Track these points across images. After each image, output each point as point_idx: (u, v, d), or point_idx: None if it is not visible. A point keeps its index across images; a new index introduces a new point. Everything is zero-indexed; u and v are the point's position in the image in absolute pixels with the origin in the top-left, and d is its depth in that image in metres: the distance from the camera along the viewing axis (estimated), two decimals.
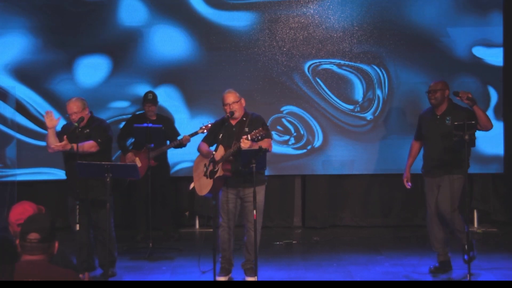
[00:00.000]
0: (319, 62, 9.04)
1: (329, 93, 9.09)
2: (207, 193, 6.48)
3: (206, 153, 6.53)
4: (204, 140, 6.68)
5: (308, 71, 9.02)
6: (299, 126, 9.09)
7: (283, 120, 9.06)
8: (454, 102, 6.88)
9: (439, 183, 6.77)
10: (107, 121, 7.25)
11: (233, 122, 6.52)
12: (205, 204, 9.13)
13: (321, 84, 9.06)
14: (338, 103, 9.10)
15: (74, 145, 6.48)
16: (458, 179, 6.68)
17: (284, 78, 9.05)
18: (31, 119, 8.96)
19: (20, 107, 8.94)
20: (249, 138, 6.13)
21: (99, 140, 6.69)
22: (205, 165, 6.44)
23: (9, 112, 8.90)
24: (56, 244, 3.59)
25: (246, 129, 6.44)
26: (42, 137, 8.75)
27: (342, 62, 9.03)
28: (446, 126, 6.69)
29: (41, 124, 8.79)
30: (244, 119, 6.51)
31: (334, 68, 9.04)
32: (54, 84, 8.97)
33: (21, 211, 4.11)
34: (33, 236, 3.48)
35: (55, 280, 3.42)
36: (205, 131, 7.83)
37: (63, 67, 8.97)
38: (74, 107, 6.69)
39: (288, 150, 9.10)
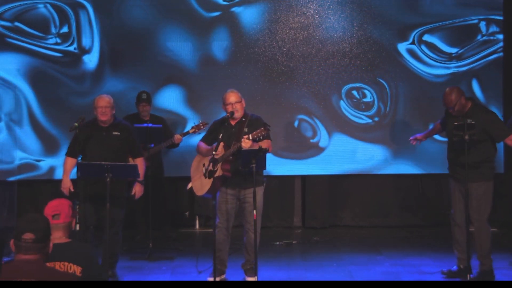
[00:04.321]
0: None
1: (333, 94, 9.11)
2: (205, 193, 6.48)
3: (206, 152, 6.52)
4: (203, 140, 6.65)
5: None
6: (301, 125, 9.10)
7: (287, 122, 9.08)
8: (476, 103, 6.66)
9: (462, 188, 6.49)
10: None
11: (233, 122, 6.50)
12: (204, 204, 9.15)
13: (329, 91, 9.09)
14: (341, 102, 9.10)
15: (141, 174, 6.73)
16: (479, 186, 6.49)
17: (284, 78, 9.05)
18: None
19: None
20: (250, 138, 6.12)
21: (142, 154, 7.05)
22: (203, 164, 6.44)
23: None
24: (51, 244, 3.60)
25: (245, 130, 6.43)
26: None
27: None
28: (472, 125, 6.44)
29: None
30: (244, 119, 6.51)
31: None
32: (55, 85, 8.98)
33: (57, 204, 4.17)
34: (28, 236, 3.49)
35: (52, 281, 3.43)
36: (197, 130, 7.86)
37: (65, 67, 8.98)
38: (103, 102, 6.71)
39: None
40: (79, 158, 6.80)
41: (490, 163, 6.58)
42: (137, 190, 6.84)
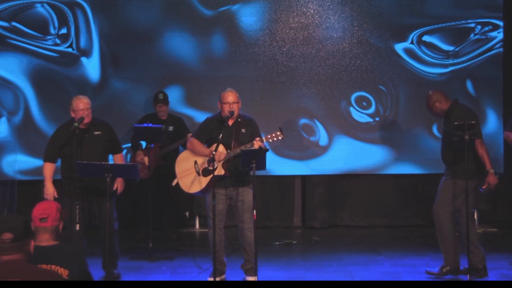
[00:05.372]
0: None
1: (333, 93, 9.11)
2: (198, 191, 6.47)
3: (201, 151, 6.49)
4: (197, 137, 6.57)
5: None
6: (301, 126, 9.10)
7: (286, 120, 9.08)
8: (458, 103, 6.67)
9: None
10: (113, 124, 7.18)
11: (230, 122, 6.48)
12: (204, 204, 9.12)
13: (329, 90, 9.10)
14: (341, 102, 9.10)
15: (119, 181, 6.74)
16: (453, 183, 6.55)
17: (284, 78, 9.05)
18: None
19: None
20: (264, 140, 6.20)
21: (123, 149, 7.05)
22: (195, 162, 6.42)
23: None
24: (32, 243, 3.60)
25: (243, 130, 6.45)
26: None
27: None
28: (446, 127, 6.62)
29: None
30: (239, 120, 6.51)
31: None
32: (55, 85, 8.98)
33: (45, 207, 4.17)
34: (6, 236, 3.49)
35: (43, 280, 3.43)
36: None
37: (65, 68, 8.98)
38: (82, 104, 6.64)
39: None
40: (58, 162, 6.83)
41: (465, 163, 6.42)
42: (119, 185, 6.78)
